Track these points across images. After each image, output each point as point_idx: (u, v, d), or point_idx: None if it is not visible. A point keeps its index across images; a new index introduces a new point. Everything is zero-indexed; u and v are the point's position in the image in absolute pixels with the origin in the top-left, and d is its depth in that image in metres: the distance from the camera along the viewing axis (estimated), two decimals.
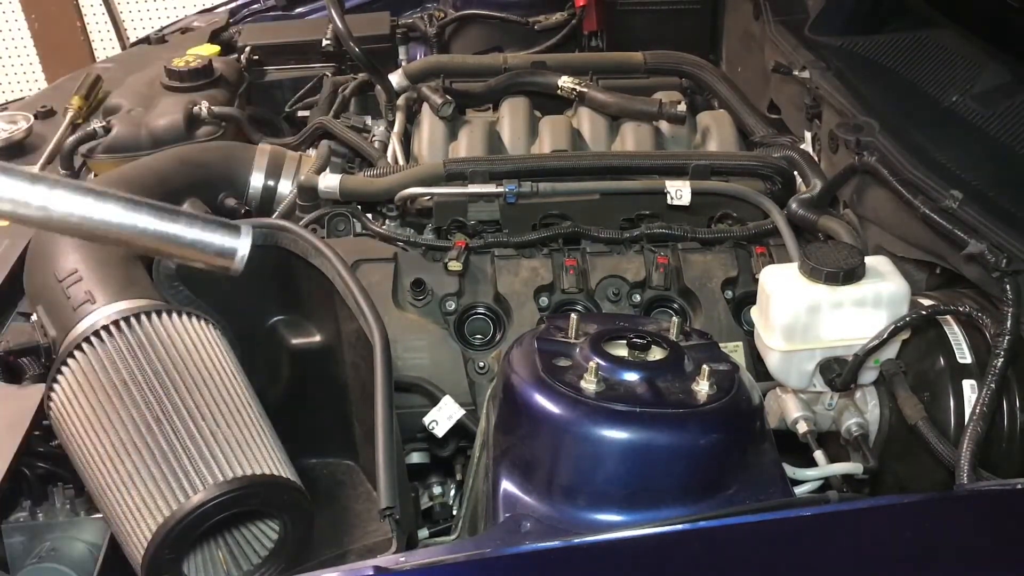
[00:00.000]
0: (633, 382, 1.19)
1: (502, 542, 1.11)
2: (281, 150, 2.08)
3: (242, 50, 2.54)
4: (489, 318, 1.76)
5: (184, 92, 2.26)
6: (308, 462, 1.65)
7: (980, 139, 1.67)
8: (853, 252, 1.42)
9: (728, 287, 1.78)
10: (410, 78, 2.24)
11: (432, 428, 1.59)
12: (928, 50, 1.90)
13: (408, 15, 2.70)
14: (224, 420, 1.34)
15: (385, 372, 1.38)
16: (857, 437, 1.45)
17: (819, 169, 1.88)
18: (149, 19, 5.05)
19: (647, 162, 1.92)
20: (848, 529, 1.05)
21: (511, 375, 1.23)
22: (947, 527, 1.07)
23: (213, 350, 1.42)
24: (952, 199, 1.44)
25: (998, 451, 1.32)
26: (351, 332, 1.53)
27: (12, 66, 5.15)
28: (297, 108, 2.49)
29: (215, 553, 1.39)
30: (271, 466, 1.33)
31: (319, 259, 1.52)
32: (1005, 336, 1.29)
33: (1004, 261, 1.34)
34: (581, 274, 1.77)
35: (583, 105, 2.17)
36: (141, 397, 1.32)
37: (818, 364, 1.45)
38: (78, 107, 2.27)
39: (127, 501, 1.28)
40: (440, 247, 1.79)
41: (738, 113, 2.18)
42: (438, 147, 2.07)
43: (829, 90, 1.86)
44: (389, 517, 1.26)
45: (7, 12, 4.97)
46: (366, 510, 1.60)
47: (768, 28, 2.18)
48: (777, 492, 1.20)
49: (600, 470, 1.14)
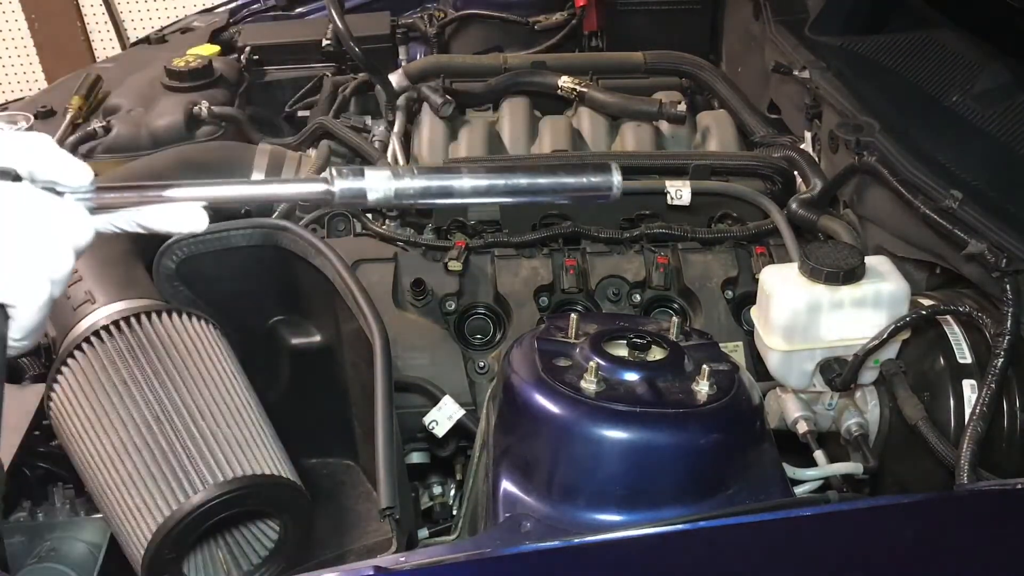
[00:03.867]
0: (633, 382, 1.19)
1: (502, 542, 1.11)
2: (281, 150, 2.08)
3: (242, 50, 2.54)
4: (489, 318, 1.76)
5: (184, 92, 2.26)
6: (308, 462, 1.65)
7: (980, 139, 1.67)
8: (853, 252, 1.42)
9: (728, 287, 1.78)
10: (410, 78, 2.24)
11: (432, 428, 1.59)
12: (928, 50, 1.89)
13: (408, 15, 2.69)
14: (224, 420, 1.34)
15: (385, 372, 1.38)
16: (857, 437, 1.45)
17: (819, 169, 1.88)
18: (149, 19, 5.05)
19: (647, 162, 1.92)
20: (848, 529, 1.05)
21: (511, 375, 1.23)
22: (947, 527, 1.07)
23: (213, 350, 1.42)
24: (952, 199, 1.44)
25: (998, 451, 1.32)
26: (351, 332, 1.53)
27: (12, 66, 5.15)
28: (297, 108, 2.49)
29: (215, 553, 1.39)
30: (271, 466, 1.33)
31: (319, 259, 1.52)
32: (1005, 336, 1.29)
33: (1004, 261, 1.34)
34: (581, 274, 1.77)
35: (583, 105, 2.17)
36: (141, 397, 1.32)
37: (818, 364, 1.45)
38: (78, 107, 2.27)
39: (127, 501, 1.28)
40: (440, 247, 1.79)
41: (738, 113, 2.18)
42: (438, 147, 2.07)
43: (829, 90, 1.86)
44: (389, 517, 1.26)
45: (7, 12, 4.97)
46: (366, 510, 1.60)
47: (768, 28, 2.18)
48: (777, 492, 1.20)
49: (600, 470, 1.14)
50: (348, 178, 0.96)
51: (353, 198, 0.96)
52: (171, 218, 0.92)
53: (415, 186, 0.98)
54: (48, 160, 0.85)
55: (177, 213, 0.92)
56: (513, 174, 1.03)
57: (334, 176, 0.96)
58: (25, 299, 0.82)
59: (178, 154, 2.01)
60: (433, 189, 1.00)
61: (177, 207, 0.92)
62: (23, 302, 0.82)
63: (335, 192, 0.95)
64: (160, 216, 0.92)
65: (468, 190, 1.01)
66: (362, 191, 0.96)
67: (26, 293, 0.81)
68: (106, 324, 1.37)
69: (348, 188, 0.96)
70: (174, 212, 0.92)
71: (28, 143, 0.86)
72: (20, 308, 0.82)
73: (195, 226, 0.92)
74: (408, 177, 0.98)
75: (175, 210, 0.92)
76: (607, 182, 1.04)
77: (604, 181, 1.04)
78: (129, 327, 1.38)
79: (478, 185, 1.02)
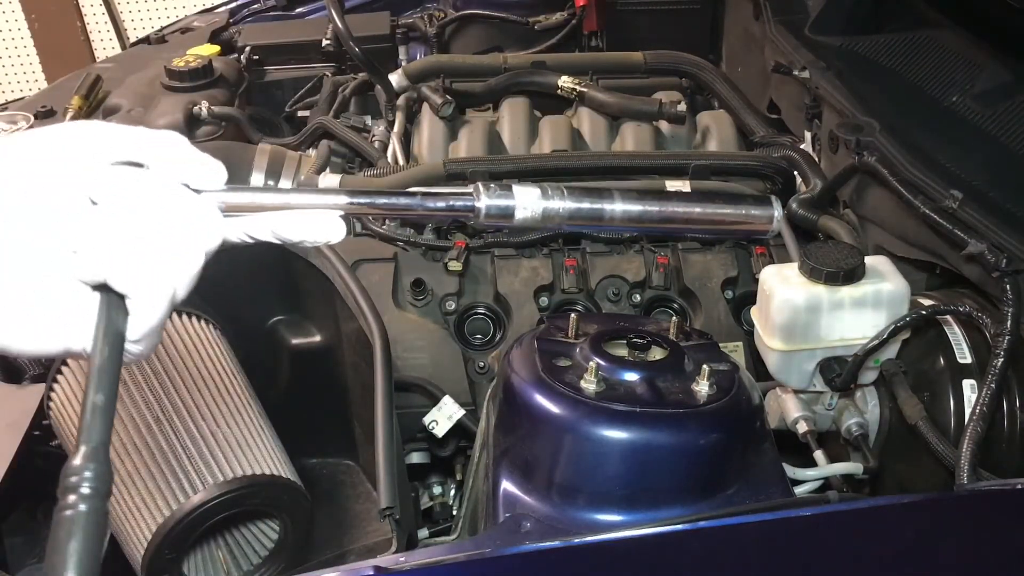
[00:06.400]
0: (633, 382, 1.19)
1: (502, 542, 1.11)
2: (281, 150, 2.07)
3: (242, 50, 2.54)
4: (489, 318, 1.76)
5: (184, 92, 2.25)
6: (308, 462, 1.65)
7: (980, 139, 1.67)
8: (853, 252, 1.42)
9: (728, 287, 1.78)
10: (410, 78, 2.24)
11: (432, 428, 1.59)
12: (928, 50, 1.89)
13: (408, 15, 2.69)
14: (224, 420, 1.34)
15: (385, 372, 1.38)
16: (857, 437, 1.45)
17: (819, 169, 1.88)
18: (149, 19, 5.05)
19: (647, 162, 1.91)
20: (848, 529, 1.05)
21: (511, 375, 1.23)
22: (947, 527, 1.07)
23: (213, 350, 1.42)
24: (952, 199, 1.44)
25: (998, 451, 1.32)
26: (351, 332, 1.53)
27: (12, 66, 5.15)
28: (297, 108, 2.49)
29: (215, 553, 1.39)
30: (271, 466, 1.33)
31: (319, 259, 1.52)
32: (1005, 336, 1.29)
33: (1004, 261, 1.34)
34: (581, 274, 1.77)
35: (583, 105, 2.17)
36: (141, 397, 1.32)
37: (818, 364, 1.45)
38: (78, 107, 2.27)
39: (127, 501, 1.28)
40: (440, 247, 1.79)
41: (738, 113, 2.17)
42: (438, 147, 2.06)
43: (829, 90, 1.86)
44: (389, 517, 1.26)
45: (7, 12, 4.98)
46: (366, 510, 1.60)
47: (768, 28, 2.17)
48: (777, 492, 1.20)
49: (600, 470, 1.14)
50: (496, 195, 0.90)
51: (499, 216, 0.91)
52: (308, 227, 0.85)
53: (565, 207, 0.93)
54: (184, 156, 0.80)
55: (315, 222, 0.85)
56: (668, 201, 0.98)
57: (480, 191, 0.90)
58: (147, 293, 0.75)
59: None
60: (583, 212, 0.95)
61: (315, 215, 0.85)
62: (143, 295, 0.75)
63: (481, 209, 0.90)
64: (297, 224, 0.85)
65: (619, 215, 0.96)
66: (510, 209, 0.91)
67: (150, 286, 0.75)
68: None
69: (495, 205, 0.90)
70: (312, 221, 0.85)
71: (162, 138, 0.81)
72: (139, 302, 0.75)
73: (333, 236, 0.85)
74: (558, 198, 0.93)
75: (312, 218, 0.85)
76: (767, 215, 0.99)
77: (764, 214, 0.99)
78: None
79: (630, 210, 0.96)
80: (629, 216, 0.97)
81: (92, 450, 0.68)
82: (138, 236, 0.75)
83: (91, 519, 0.65)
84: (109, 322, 0.74)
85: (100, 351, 0.73)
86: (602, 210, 0.96)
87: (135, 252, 0.74)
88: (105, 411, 0.70)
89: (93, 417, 0.70)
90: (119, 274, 0.74)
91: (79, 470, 0.67)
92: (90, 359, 0.73)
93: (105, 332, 0.74)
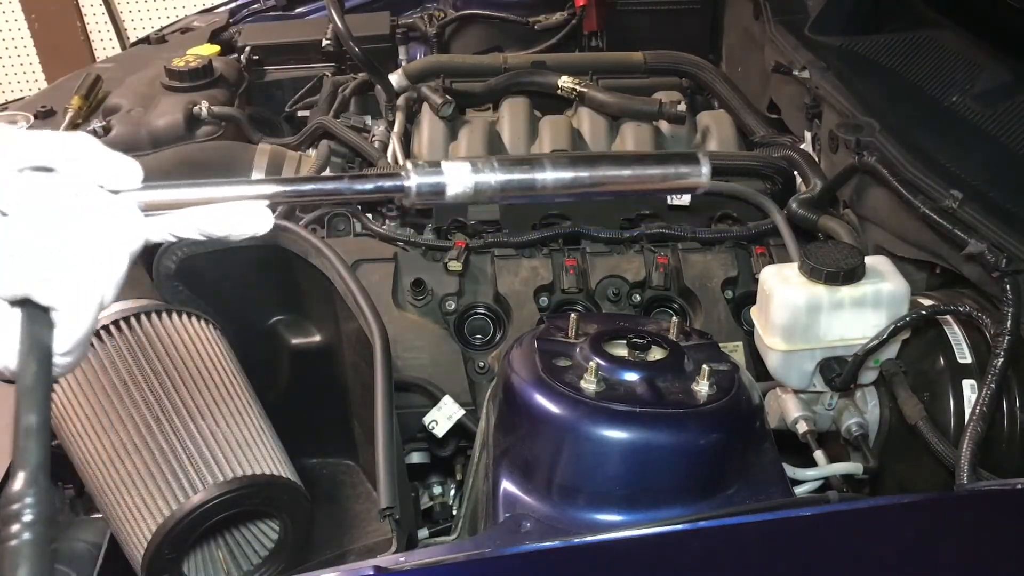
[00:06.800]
0: (633, 382, 1.19)
1: (502, 542, 1.11)
2: (281, 150, 2.08)
3: (242, 50, 2.54)
4: (489, 318, 1.76)
5: (184, 92, 2.25)
6: (308, 462, 1.65)
7: (980, 139, 1.67)
8: (853, 252, 1.42)
9: (728, 287, 1.78)
10: (410, 78, 2.24)
11: (432, 428, 1.59)
12: (928, 50, 1.89)
13: (408, 15, 2.69)
14: (224, 420, 1.34)
15: (385, 372, 1.38)
16: (857, 437, 1.45)
17: (819, 169, 1.88)
18: (149, 19, 5.05)
19: None
20: (848, 529, 1.05)
21: (511, 375, 1.23)
22: (947, 527, 1.07)
23: (213, 350, 1.42)
24: (952, 199, 1.44)
25: (998, 451, 1.32)
26: (351, 332, 1.53)
27: (12, 66, 5.15)
28: (297, 108, 2.49)
29: (215, 553, 1.39)
30: (271, 466, 1.33)
31: (319, 259, 1.52)
32: (1005, 336, 1.29)
33: (1004, 261, 1.34)
34: (581, 274, 1.77)
35: (583, 105, 2.17)
36: (141, 397, 1.32)
37: (818, 364, 1.45)
38: (78, 107, 2.26)
39: (127, 501, 1.28)
40: (440, 247, 1.79)
41: (738, 113, 2.18)
42: (438, 147, 2.07)
43: (829, 90, 1.86)
44: (389, 517, 1.26)
45: (7, 12, 4.98)
46: (366, 510, 1.60)
47: (768, 28, 2.18)
48: (777, 492, 1.20)
49: (600, 470, 1.14)
50: (425, 172, 0.90)
51: (430, 193, 0.90)
52: (233, 220, 0.81)
53: (496, 179, 0.92)
54: (95, 157, 0.76)
55: (240, 214, 0.81)
56: (597, 165, 0.98)
57: (410, 170, 0.90)
58: (72, 303, 0.71)
59: (178, 154, 2.01)
60: (515, 183, 0.94)
61: (240, 207, 0.81)
62: (69, 306, 0.71)
63: (411, 187, 0.89)
64: (221, 218, 0.81)
65: (551, 183, 0.95)
66: (440, 185, 0.90)
67: (73, 296, 0.71)
68: (106, 324, 1.37)
69: (425, 183, 0.90)
70: (237, 213, 0.81)
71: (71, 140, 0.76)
72: (65, 313, 0.71)
73: (260, 227, 0.81)
74: (488, 170, 0.92)
75: (238, 210, 0.81)
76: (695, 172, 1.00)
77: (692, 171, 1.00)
78: (129, 327, 1.38)
79: (562, 177, 0.95)
80: (562, 183, 0.96)
81: (31, 474, 0.64)
82: (56, 244, 0.71)
83: (36, 548, 0.62)
84: (34, 338, 0.70)
85: (27, 369, 0.69)
86: (534, 180, 0.95)
87: (55, 262, 0.70)
88: (40, 432, 0.67)
89: (27, 439, 0.66)
90: (40, 287, 0.70)
91: (19, 496, 0.63)
92: (17, 379, 0.69)
93: (31, 349, 0.70)
